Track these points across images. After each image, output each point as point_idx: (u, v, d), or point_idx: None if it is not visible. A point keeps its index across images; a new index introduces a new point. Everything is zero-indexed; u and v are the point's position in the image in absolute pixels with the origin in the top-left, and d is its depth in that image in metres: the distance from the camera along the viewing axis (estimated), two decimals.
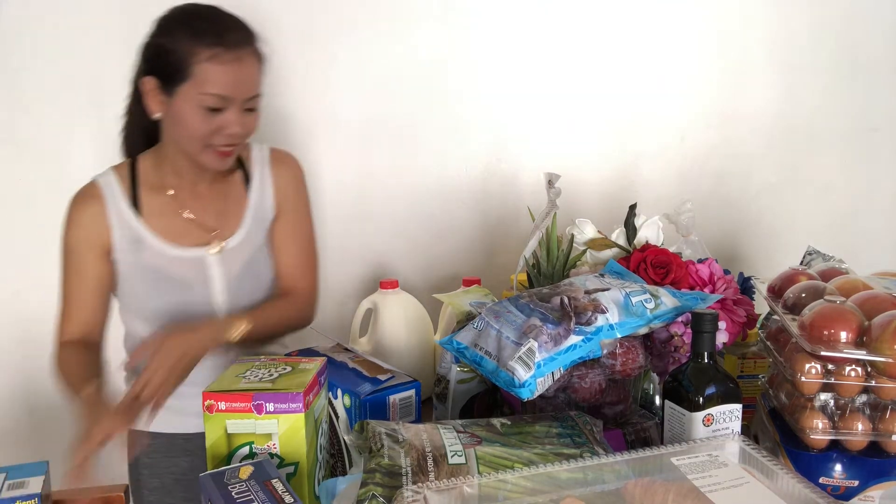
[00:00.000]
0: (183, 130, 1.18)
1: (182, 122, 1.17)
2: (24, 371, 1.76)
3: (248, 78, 1.17)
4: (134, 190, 1.26)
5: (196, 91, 1.14)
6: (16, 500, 0.85)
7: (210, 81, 1.14)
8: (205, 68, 1.13)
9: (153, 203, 1.26)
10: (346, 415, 1.10)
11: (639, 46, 1.88)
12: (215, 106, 1.15)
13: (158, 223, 1.26)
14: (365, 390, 1.07)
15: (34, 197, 1.72)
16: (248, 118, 1.19)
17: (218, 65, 1.14)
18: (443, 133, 1.85)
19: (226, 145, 1.19)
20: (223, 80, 1.14)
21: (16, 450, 1.76)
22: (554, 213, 1.23)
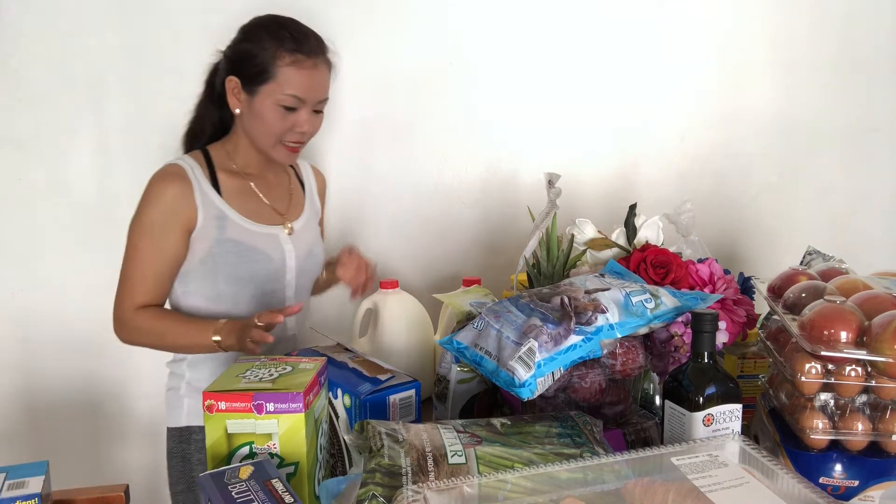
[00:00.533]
0: (261, 126, 1.32)
1: (261, 118, 1.31)
2: (24, 371, 1.77)
3: (321, 82, 1.33)
4: (213, 174, 1.36)
5: (277, 91, 1.29)
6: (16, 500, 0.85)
7: (290, 83, 1.29)
8: (286, 71, 1.28)
9: (231, 185, 1.37)
10: (346, 415, 1.10)
11: (639, 47, 1.88)
12: (291, 105, 1.30)
13: (237, 203, 1.36)
14: (365, 390, 1.07)
15: (34, 197, 1.72)
16: (315, 119, 1.35)
17: (297, 69, 1.29)
18: (443, 133, 1.85)
19: (296, 142, 1.34)
20: (301, 82, 1.29)
21: (16, 450, 1.76)
22: (554, 213, 1.23)
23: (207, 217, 1.33)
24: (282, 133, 1.33)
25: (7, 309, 1.74)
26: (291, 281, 1.42)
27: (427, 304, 1.53)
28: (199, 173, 1.34)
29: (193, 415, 1.41)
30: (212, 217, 1.33)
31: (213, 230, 1.33)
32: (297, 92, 1.30)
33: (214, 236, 1.33)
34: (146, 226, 1.30)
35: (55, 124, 1.70)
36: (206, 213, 1.33)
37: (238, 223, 1.35)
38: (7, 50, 1.66)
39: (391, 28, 1.79)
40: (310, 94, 1.31)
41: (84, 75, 1.70)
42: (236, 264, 1.34)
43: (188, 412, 1.41)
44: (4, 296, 1.73)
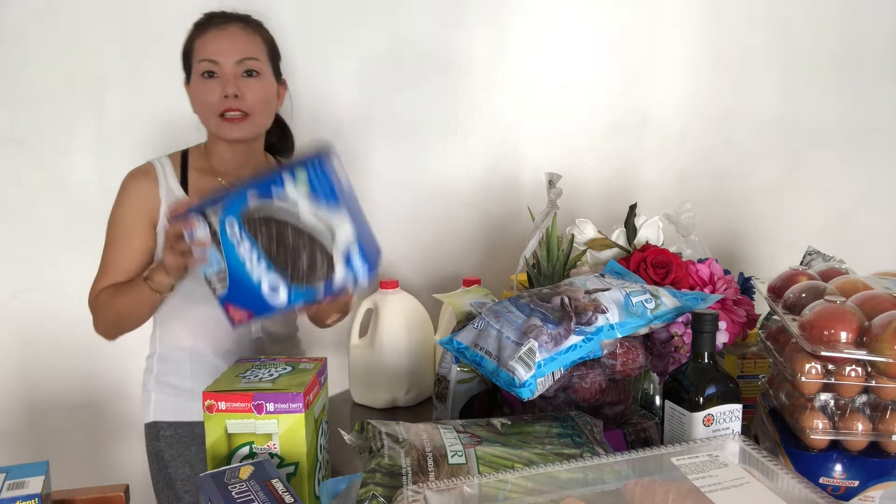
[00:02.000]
0: (196, 106, 1.33)
1: (194, 98, 1.33)
2: (24, 371, 1.77)
3: (234, 40, 1.30)
4: (184, 172, 1.37)
5: (196, 66, 1.30)
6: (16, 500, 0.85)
7: (201, 50, 1.30)
8: (198, 43, 1.31)
9: (199, 183, 1.36)
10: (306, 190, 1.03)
11: (639, 46, 1.88)
12: (209, 70, 1.29)
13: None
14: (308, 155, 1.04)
15: (34, 197, 1.72)
16: (247, 83, 1.30)
17: (206, 36, 1.30)
18: (443, 133, 1.85)
19: (231, 110, 1.29)
20: (210, 46, 1.30)
21: (16, 450, 1.76)
22: (554, 214, 1.23)
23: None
24: (213, 104, 1.30)
25: (7, 309, 1.74)
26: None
27: (427, 304, 1.53)
28: (170, 171, 1.36)
29: (160, 410, 1.40)
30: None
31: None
32: (208, 54, 1.29)
33: None
34: (116, 222, 1.34)
35: (55, 124, 1.70)
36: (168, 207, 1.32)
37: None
38: (7, 50, 1.66)
39: (391, 27, 1.79)
40: (222, 54, 1.29)
41: (84, 75, 1.70)
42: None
43: (155, 407, 1.41)
44: (5, 296, 1.73)
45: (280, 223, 1.05)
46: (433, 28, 1.80)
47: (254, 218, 1.05)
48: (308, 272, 1.07)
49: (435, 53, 1.81)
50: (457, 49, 1.82)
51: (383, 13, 1.78)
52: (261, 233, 1.06)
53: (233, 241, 1.07)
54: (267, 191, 1.04)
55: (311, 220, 1.04)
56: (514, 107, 1.86)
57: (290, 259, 1.06)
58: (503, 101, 1.85)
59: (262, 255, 1.07)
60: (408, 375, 1.47)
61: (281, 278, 1.07)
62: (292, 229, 1.05)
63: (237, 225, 1.06)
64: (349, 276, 1.06)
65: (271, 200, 1.04)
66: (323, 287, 1.07)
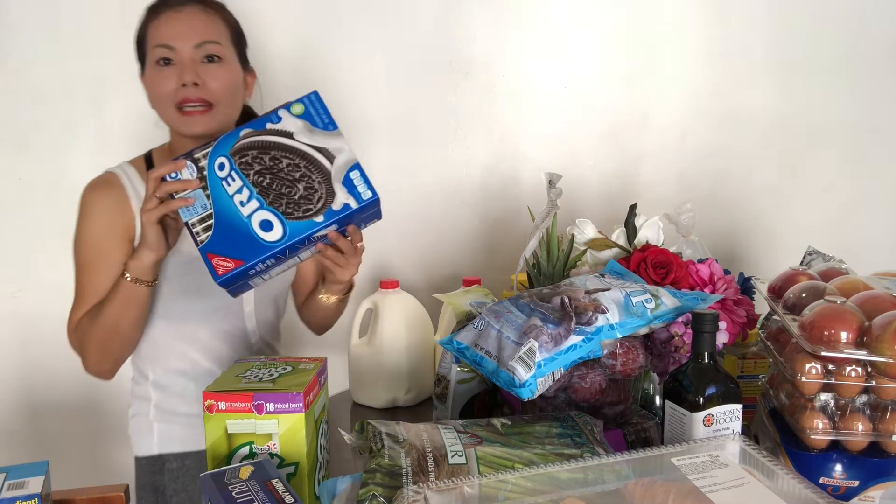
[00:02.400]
0: (152, 98, 1.20)
1: (148, 90, 1.20)
2: (24, 371, 1.77)
3: (190, 23, 1.18)
4: None
5: (150, 53, 1.18)
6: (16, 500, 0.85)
7: (154, 36, 1.18)
8: (151, 29, 1.19)
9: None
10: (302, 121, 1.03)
11: (639, 46, 1.88)
12: (164, 56, 1.17)
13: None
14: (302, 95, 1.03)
15: (34, 197, 1.72)
16: (207, 69, 1.18)
17: (158, 19, 1.19)
18: (443, 133, 1.85)
19: (190, 102, 1.17)
20: (163, 30, 1.18)
21: (16, 450, 1.76)
22: (554, 213, 1.23)
23: None
24: (170, 94, 1.17)
25: (7, 309, 1.74)
26: (250, 296, 1.31)
27: (427, 304, 1.53)
28: (136, 178, 1.24)
29: (166, 441, 1.29)
30: None
31: None
32: (163, 39, 1.17)
33: None
34: (86, 242, 1.22)
35: (55, 124, 1.70)
36: None
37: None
38: (7, 50, 1.66)
39: (391, 27, 1.79)
40: (177, 38, 1.17)
41: (84, 75, 1.70)
42: (182, 276, 1.23)
43: (160, 439, 1.29)
44: (4, 296, 1.73)
45: (274, 152, 1.01)
46: (433, 28, 1.80)
47: (246, 151, 1.01)
48: (304, 202, 1.01)
49: (435, 53, 1.81)
50: (457, 49, 1.82)
51: (383, 13, 1.78)
52: (253, 168, 1.00)
53: (222, 180, 1.01)
54: (262, 126, 1.01)
55: (307, 146, 1.01)
56: (514, 107, 1.86)
57: (284, 190, 1.01)
58: (503, 100, 1.85)
59: (253, 193, 1.01)
60: (408, 375, 1.47)
61: (274, 214, 1.01)
62: (287, 157, 1.01)
63: (229, 163, 1.01)
64: (351, 199, 1.02)
65: (266, 133, 1.01)
66: (323, 217, 1.02)
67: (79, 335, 1.21)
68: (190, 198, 1.02)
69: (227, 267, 1.02)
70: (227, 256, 1.02)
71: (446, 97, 1.83)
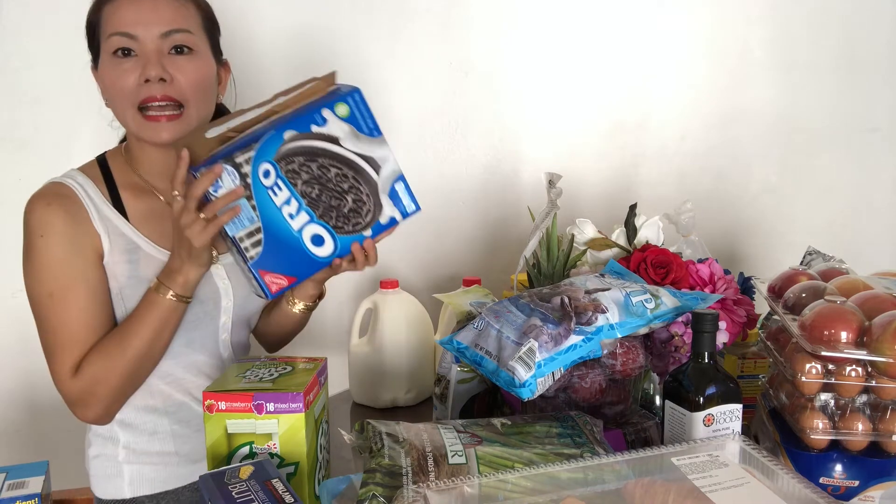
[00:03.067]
0: (108, 94, 1.04)
1: (103, 84, 1.04)
2: (24, 371, 1.76)
3: (156, 9, 1.01)
4: (112, 191, 1.08)
5: (104, 42, 1.01)
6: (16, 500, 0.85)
7: (111, 22, 1.01)
8: (105, 12, 1.02)
9: (139, 206, 1.09)
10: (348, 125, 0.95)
11: (639, 46, 1.88)
12: (123, 46, 1.00)
13: (149, 228, 1.09)
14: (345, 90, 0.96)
15: None
16: (175, 62, 1.02)
17: (115, 2, 1.02)
18: (443, 133, 1.85)
19: (152, 99, 1.01)
20: (123, 15, 1.00)
21: (16, 450, 1.76)
22: (554, 213, 1.23)
23: (115, 249, 1.05)
24: (130, 91, 1.00)
25: (7, 309, 1.73)
26: (227, 324, 1.15)
27: (427, 304, 1.53)
28: (94, 192, 1.06)
29: (138, 484, 1.13)
30: (120, 250, 1.05)
31: (124, 265, 1.05)
32: (122, 26, 0.99)
33: (125, 273, 1.05)
34: (54, 268, 1.01)
35: (55, 124, 1.70)
36: (114, 245, 1.05)
37: (154, 255, 1.07)
38: (7, 50, 1.66)
39: (391, 27, 1.79)
40: (140, 25, 0.99)
41: (84, 75, 1.69)
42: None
43: (131, 482, 1.13)
44: (4, 296, 1.73)
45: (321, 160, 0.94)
46: (433, 28, 1.80)
47: (292, 157, 0.93)
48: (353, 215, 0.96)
49: (435, 53, 1.81)
50: (457, 49, 1.82)
51: (383, 13, 1.78)
52: (300, 176, 0.93)
53: (268, 189, 0.92)
54: (306, 129, 0.92)
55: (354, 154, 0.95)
56: (514, 107, 1.86)
57: (333, 203, 0.95)
58: (503, 101, 1.85)
59: (302, 204, 0.94)
60: (408, 375, 1.47)
61: (325, 228, 0.95)
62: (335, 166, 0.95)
63: (274, 170, 0.92)
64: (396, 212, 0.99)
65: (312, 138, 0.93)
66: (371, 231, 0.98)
67: (90, 376, 1.02)
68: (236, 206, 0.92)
69: (281, 284, 0.97)
70: (279, 273, 0.96)
71: (446, 97, 1.83)
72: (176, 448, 1.14)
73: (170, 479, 1.14)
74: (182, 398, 1.13)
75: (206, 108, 1.08)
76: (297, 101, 0.98)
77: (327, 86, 0.99)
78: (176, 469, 1.14)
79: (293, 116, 0.94)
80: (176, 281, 1.00)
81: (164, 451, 1.14)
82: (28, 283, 1.05)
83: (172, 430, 1.14)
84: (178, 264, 0.99)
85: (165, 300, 1.00)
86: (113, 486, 1.14)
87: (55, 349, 1.04)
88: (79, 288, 1.03)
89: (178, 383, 1.13)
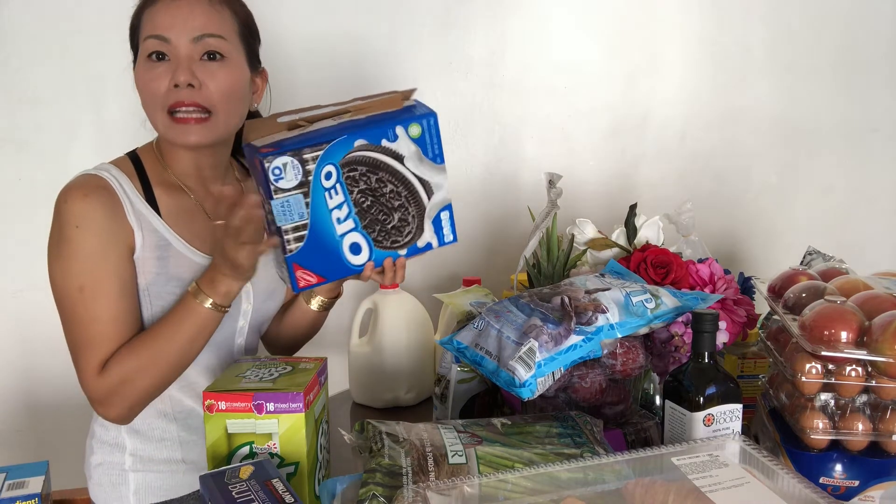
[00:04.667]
0: (141, 96, 1.05)
1: (138, 85, 1.05)
2: (24, 371, 1.76)
3: (191, 14, 1.02)
4: (146, 187, 1.08)
5: (141, 44, 1.03)
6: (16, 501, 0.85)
7: (148, 24, 1.03)
8: (145, 17, 1.04)
9: (171, 203, 1.09)
10: (416, 146, 0.97)
11: (639, 46, 1.88)
12: (156, 49, 1.02)
13: (181, 226, 1.09)
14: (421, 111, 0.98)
15: (34, 197, 1.72)
16: (207, 68, 1.03)
17: (154, 5, 1.03)
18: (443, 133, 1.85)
19: (182, 106, 1.01)
20: (159, 18, 1.02)
21: (16, 450, 1.76)
22: (554, 213, 1.23)
23: (147, 245, 1.05)
24: (160, 96, 1.02)
25: (7, 309, 1.73)
26: (244, 328, 1.16)
27: (427, 304, 1.53)
28: (128, 186, 1.06)
29: (144, 493, 1.12)
30: (152, 246, 1.05)
31: (153, 262, 1.06)
32: (157, 29, 1.01)
33: (154, 269, 1.06)
34: (88, 260, 1.00)
35: (55, 124, 1.70)
36: (146, 240, 1.05)
37: (183, 254, 1.08)
38: (7, 50, 1.66)
39: (391, 27, 1.79)
40: (172, 29, 1.01)
41: (84, 75, 1.70)
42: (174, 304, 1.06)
43: (137, 490, 1.12)
44: (4, 296, 1.73)
45: (382, 174, 0.96)
46: (433, 28, 1.80)
47: (356, 166, 0.94)
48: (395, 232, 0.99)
49: (435, 53, 1.81)
50: (457, 49, 1.82)
51: (383, 12, 1.78)
52: (358, 185, 0.95)
53: (326, 190, 0.94)
54: (377, 141, 0.95)
55: (413, 176, 0.97)
56: (514, 107, 1.86)
57: (381, 217, 0.97)
58: (503, 101, 1.85)
59: (352, 212, 0.96)
60: (408, 375, 1.46)
61: (365, 238, 0.98)
62: (391, 182, 0.97)
63: (336, 173, 0.94)
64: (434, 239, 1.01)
65: (379, 151, 0.95)
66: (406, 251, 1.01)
67: (118, 376, 1.01)
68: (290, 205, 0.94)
69: (309, 281, 0.98)
70: (311, 271, 0.98)
71: (446, 97, 1.83)
72: (183, 455, 1.14)
73: (175, 488, 1.13)
74: (191, 404, 1.13)
75: (236, 116, 1.08)
76: (372, 107, 0.99)
77: (403, 99, 1.02)
78: (182, 477, 1.13)
79: (367, 125, 0.96)
80: (217, 291, 1.00)
81: (171, 458, 1.13)
82: (56, 274, 1.02)
83: (180, 436, 1.13)
84: (221, 276, 0.99)
85: (203, 308, 1.00)
86: (117, 494, 1.12)
87: (83, 345, 1.02)
88: (111, 283, 1.02)
89: (191, 388, 1.12)
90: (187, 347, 1.02)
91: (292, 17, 1.73)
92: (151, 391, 1.04)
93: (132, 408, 1.04)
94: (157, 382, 1.03)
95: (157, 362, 1.01)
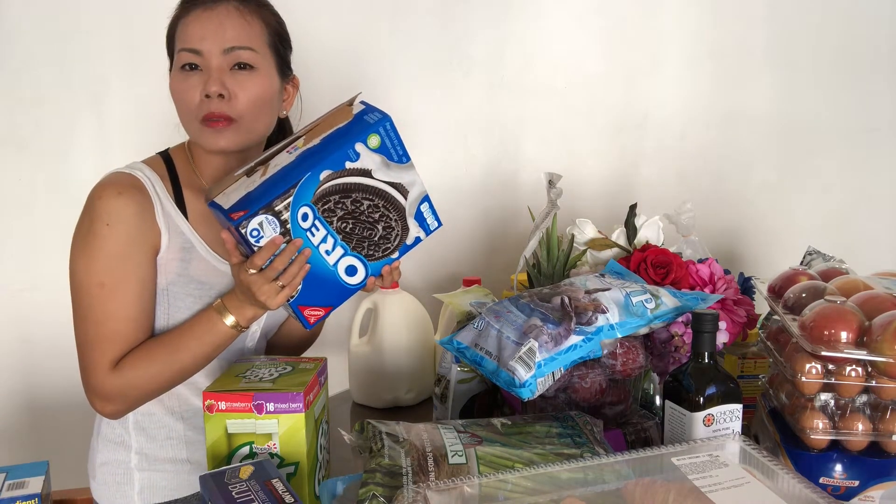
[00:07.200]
0: (175, 104, 1.08)
1: (172, 94, 1.08)
2: (24, 371, 1.77)
3: (223, 25, 1.05)
4: (177, 190, 1.10)
5: (176, 54, 1.07)
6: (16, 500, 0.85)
7: (182, 36, 1.06)
8: (181, 28, 1.07)
9: (197, 207, 1.10)
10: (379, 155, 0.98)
11: (639, 46, 1.88)
12: (190, 61, 1.05)
13: (205, 230, 1.11)
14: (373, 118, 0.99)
15: (34, 197, 1.72)
16: (237, 78, 1.05)
17: (189, 19, 1.06)
18: (442, 133, 1.85)
19: (213, 116, 1.04)
20: (192, 30, 1.05)
21: (16, 450, 1.76)
22: (554, 213, 1.23)
23: (172, 245, 1.07)
24: (193, 106, 1.05)
25: (7, 309, 1.73)
26: (256, 333, 1.19)
27: (427, 304, 1.53)
28: (160, 187, 1.08)
29: (149, 492, 1.12)
30: (177, 246, 1.08)
31: (176, 263, 1.08)
32: (189, 42, 1.04)
33: (176, 270, 1.08)
34: (112, 257, 1.02)
35: (55, 124, 1.70)
36: (171, 242, 1.07)
37: (205, 258, 1.10)
38: (7, 50, 1.66)
39: (391, 26, 1.79)
40: (204, 41, 1.03)
41: (84, 75, 1.70)
42: (192, 307, 1.09)
43: (142, 489, 1.13)
44: (5, 296, 1.73)
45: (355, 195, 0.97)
46: (433, 27, 1.80)
47: (328, 197, 0.96)
48: (383, 241, 1.01)
49: (434, 53, 1.81)
50: (457, 49, 1.82)
51: (383, 12, 1.78)
52: (336, 214, 0.97)
53: (306, 231, 0.95)
54: (341, 166, 0.95)
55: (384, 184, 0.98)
56: (514, 107, 1.86)
57: (365, 234, 0.99)
58: (503, 101, 1.85)
59: (337, 240, 0.98)
60: (408, 375, 1.47)
61: (358, 258, 1.00)
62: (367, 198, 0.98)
63: (312, 212, 0.95)
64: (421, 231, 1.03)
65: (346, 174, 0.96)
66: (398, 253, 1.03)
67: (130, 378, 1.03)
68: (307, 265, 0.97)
69: (318, 315, 1.02)
70: (317, 306, 1.01)
71: (446, 97, 1.83)
72: (188, 455, 1.15)
73: (180, 488, 1.14)
74: (199, 403, 1.13)
75: (263, 123, 1.11)
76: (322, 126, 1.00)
77: (350, 106, 1.02)
78: (187, 477, 1.14)
79: (325, 151, 0.96)
80: (244, 316, 1.02)
81: (176, 458, 1.14)
82: (79, 268, 1.05)
83: (186, 436, 1.14)
84: (247, 305, 1.01)
85: (226, 326, 1.02)
86: (121, 493, 1.13)
87: (95, 341, 1.03)
88: (131, 282, 1.04)
89: (199, 388, 1.12)
90: (201, 360, 1.05)
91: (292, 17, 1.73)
92: (154, 394, 1.07)
93: (130, 407, 1.07)
94: (163, 388, 1.06)
95: (171, 369, 1.04)
